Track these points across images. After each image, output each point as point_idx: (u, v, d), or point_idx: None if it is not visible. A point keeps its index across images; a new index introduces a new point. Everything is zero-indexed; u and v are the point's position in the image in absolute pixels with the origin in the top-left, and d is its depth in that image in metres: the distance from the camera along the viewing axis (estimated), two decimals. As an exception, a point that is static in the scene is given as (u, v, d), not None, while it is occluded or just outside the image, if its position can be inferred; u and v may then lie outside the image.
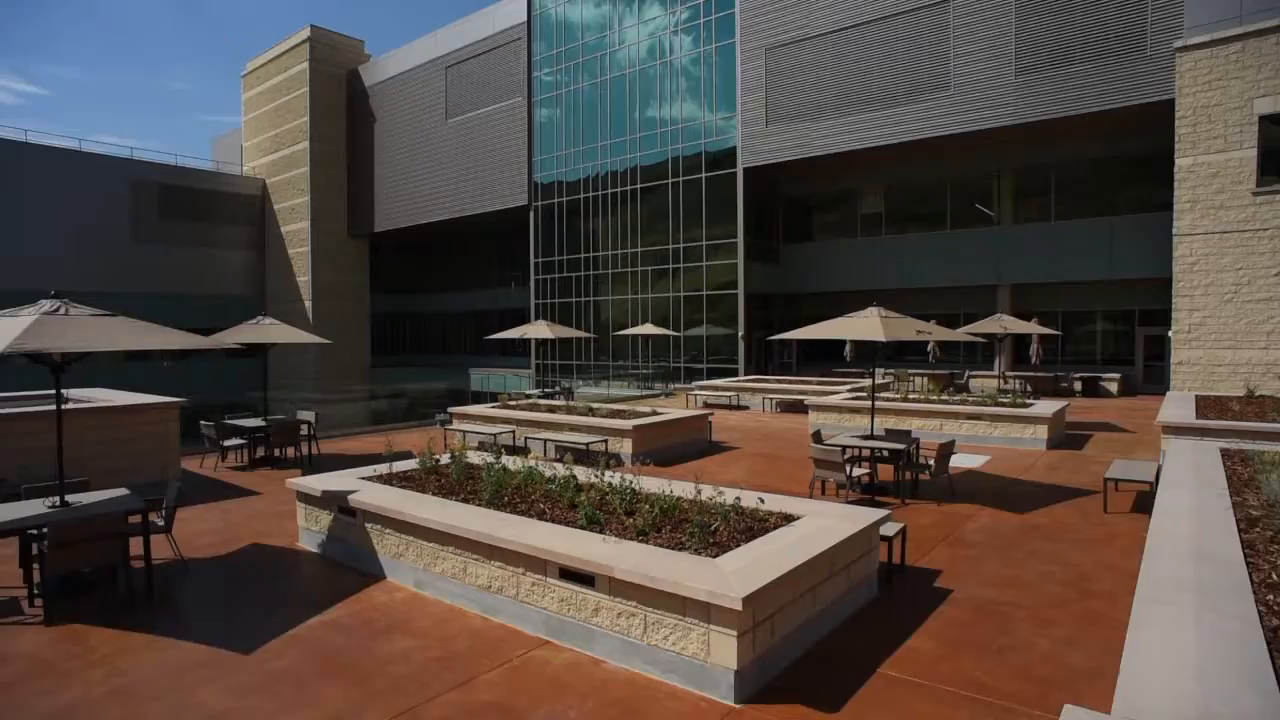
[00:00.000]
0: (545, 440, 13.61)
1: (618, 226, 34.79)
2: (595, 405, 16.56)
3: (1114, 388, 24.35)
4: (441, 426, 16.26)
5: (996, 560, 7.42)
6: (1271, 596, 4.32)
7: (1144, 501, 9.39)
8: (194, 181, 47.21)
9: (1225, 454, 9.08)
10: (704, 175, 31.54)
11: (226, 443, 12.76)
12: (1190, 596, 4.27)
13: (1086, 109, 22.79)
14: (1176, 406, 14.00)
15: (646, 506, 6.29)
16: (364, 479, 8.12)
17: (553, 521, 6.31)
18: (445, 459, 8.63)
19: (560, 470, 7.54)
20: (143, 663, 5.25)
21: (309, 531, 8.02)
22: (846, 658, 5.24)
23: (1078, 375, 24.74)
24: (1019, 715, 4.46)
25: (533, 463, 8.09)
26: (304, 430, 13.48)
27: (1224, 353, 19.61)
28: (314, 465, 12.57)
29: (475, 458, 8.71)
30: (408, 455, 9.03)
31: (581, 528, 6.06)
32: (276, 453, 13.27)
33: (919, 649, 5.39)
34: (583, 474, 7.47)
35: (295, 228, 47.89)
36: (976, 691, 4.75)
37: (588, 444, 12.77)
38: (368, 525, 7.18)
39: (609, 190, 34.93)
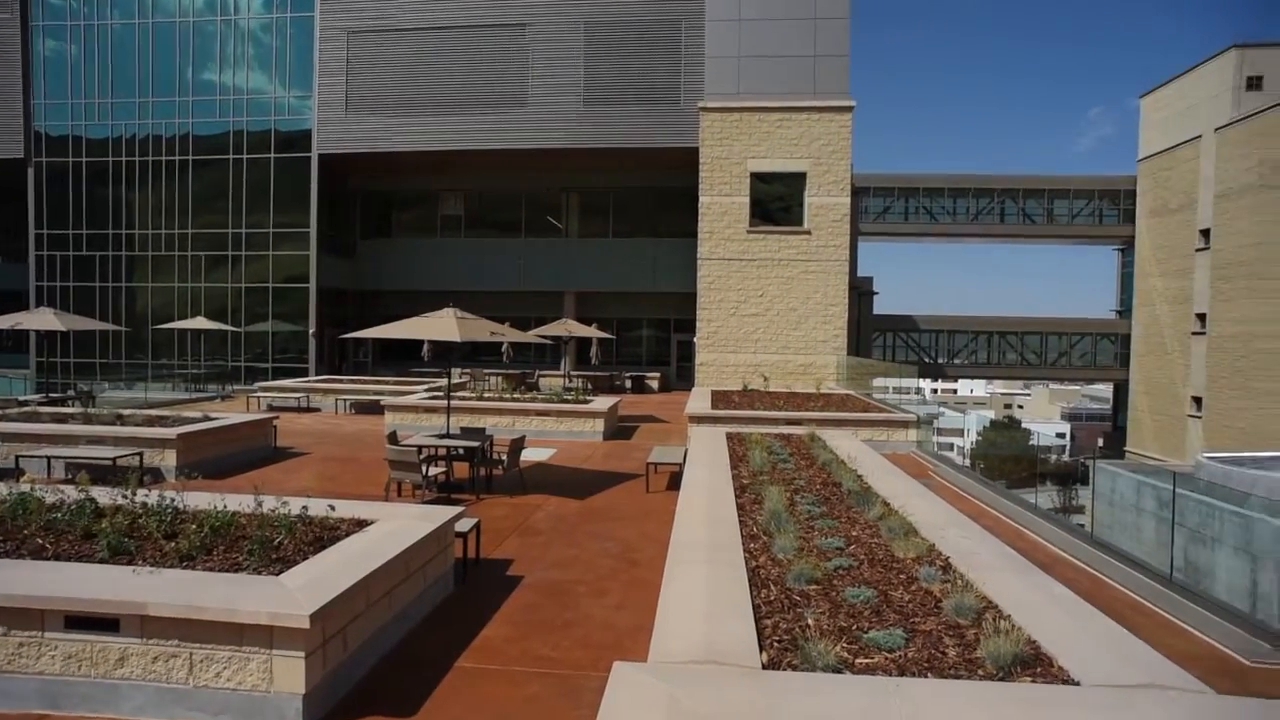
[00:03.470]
0: (50, 457, 10.93)
1: (162, 201, 29.43)
2: (127, 412, 13.82)
3: (656, 385, 28.63)
4: None
5: (561, 544, 8.18)
6: (753, 544, 5.60)
7: (675, 480, 11.16)
8: None
9: (729, 436, 11.44)
10: (273, 155, 28.52)
11: None
12: (703, 554, 5.30)
13: (636, 144, 26.38)
14: (697, 400, 17.16)
15: (194, 526, 5.47)
16: None
17: (57, 559, 5.10)
18: (-123, 491, 6.33)
19: (71, 493, 6.12)
20: None
21: None
22: (425, 657, 5.26)
23: (628, 374, 28.48)
24: (580, 679, 4.98)
25: (27, 487, 6.41)
26: None
27: (730, 356, 24.59)
28: None
29: (-68, 486, 6.56)
30: None
31: (103, 561, 5.01)
32: None
33: (493, 636, 5.67)
34: (107, 496, 6.17)
35: None
36: (544, 666, 5.18)
37: (114, 458, 10.59)
38: None
39: (151, 157, 29.36)
